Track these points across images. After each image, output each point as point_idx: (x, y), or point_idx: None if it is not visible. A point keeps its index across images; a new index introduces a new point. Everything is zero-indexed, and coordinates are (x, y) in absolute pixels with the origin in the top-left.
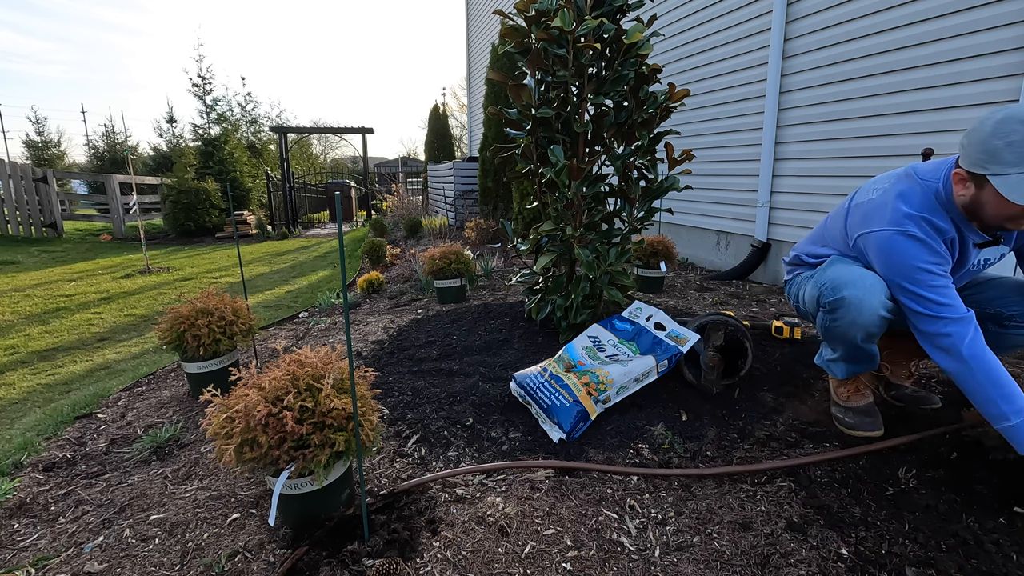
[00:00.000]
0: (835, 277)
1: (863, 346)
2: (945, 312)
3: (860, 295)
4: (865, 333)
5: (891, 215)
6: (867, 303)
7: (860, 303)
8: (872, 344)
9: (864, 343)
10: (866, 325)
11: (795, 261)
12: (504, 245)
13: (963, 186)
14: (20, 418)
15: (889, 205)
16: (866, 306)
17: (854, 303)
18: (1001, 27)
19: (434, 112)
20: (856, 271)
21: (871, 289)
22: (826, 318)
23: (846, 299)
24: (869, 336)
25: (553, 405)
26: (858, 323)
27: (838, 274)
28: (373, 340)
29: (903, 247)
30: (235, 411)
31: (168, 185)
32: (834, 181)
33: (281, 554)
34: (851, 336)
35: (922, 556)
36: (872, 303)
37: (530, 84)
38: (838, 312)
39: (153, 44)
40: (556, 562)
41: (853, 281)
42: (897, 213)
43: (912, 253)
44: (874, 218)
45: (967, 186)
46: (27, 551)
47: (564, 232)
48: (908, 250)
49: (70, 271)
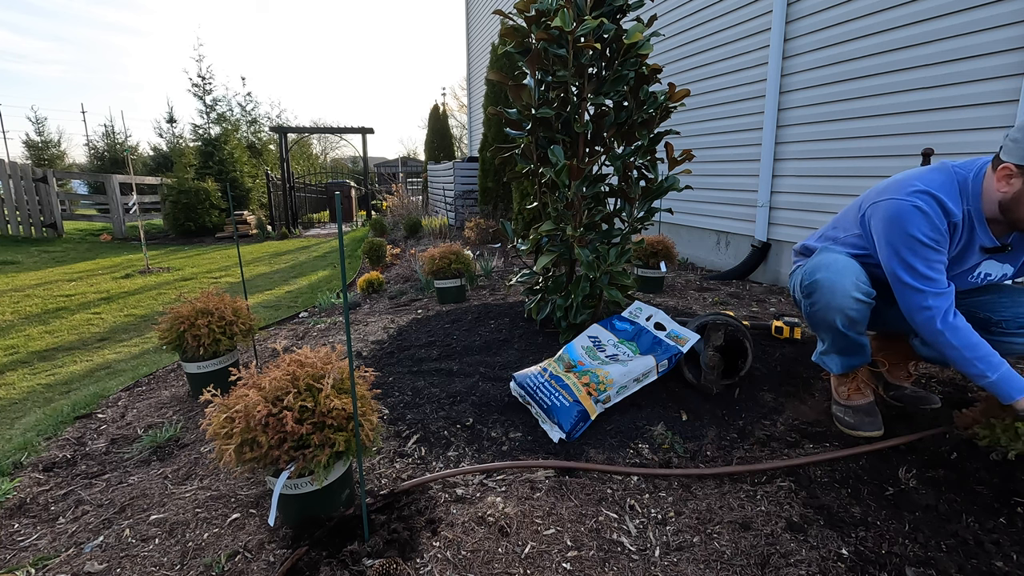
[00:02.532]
0: (814, 263)
1: (847, 333)
2: (929, 286)
3: (832, 277)
4: (844, 316)
5: (905, 188)
6: (839, 284)
7: (832, 285)
8: (858, 333)
9: (847, 329)
10: (841, 307)
11: (801, 250)
12: (504, 245)
13: (1007, 182)
14: (20, 418)
15: (905, 180)
16: (838, 287)
17: (827, 285)
18: (1001, 27)
19: (434, 112)
20: (831, 256)
21: (842, 271)
22: (806, 303)
23: (819, 281)
24: (850, 321)
25: (553, 405)
26: (832, 305)
27: (816, 260)
28: (373, 340)
29: (908, 215)
30: (235, 411)
31: (168, 185)
32: (834, 181)
33: (281, 554)
34: (830, 320)
35: (922, 556)
36: (844, 284)
37: (530, 84)
38: (814, 296)
39: (153, 44)
40: (556, 562)
41: (827, 265)
42: (911, 187)
43: (914, 222)
44: (888, 189)
45: (1011, 182)
46: (27, 551)
47: (564, 232)
48: (912, 219)
49: (70, 271)
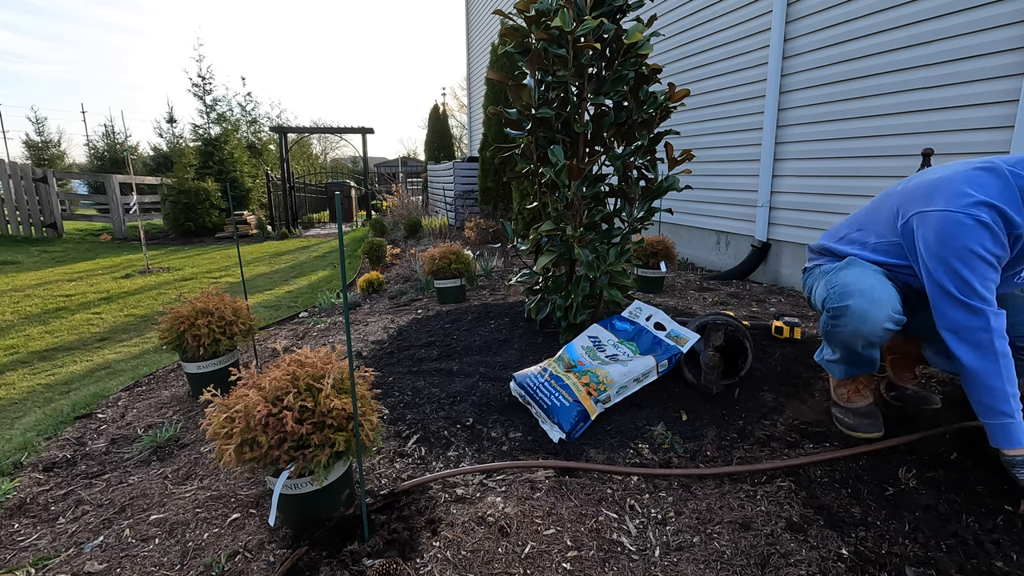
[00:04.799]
0: (846, 283)
1: (863, 352)
2: (987, 306)
3: (866, 307)
4: (867, 342)
5: (961, 197)
6: (872, 315)
7: (865, 315)
8: (874, 350)
9: (864, 350)
10: (868, 335)
11: (820, 250)
12: (504, 245)
13: None
14: (20, 418)
15: (961, 187)
16: (871, 318)
17: (858, 314)
18: (1001, 27)
19: (434, 112)
20: (868, 279)
21: (879, 302)
22: (829, 322)
23: (851, 308)
24: (870, 344)
25: (553, 405)
26: (860, 333)
27: (849, 279)
28: (373, 340)
29: (969, 230)
30: (235, 411)
31: (168, 185)
32: (834, 181)
33: (281, 554)
34: (852, 344)
35: (922, 556)
36: (878, 316)
37: (530, 84)
38: (841, 320)
39: (153, 44)
40: (556, 562)
41: (862, 291)
42: (968, 197)
43: (975, 236)
44: (940, 196)
45: None
46: (27, 551)
47: (564, 232)
48: (972, 233)
49: (70, 271)
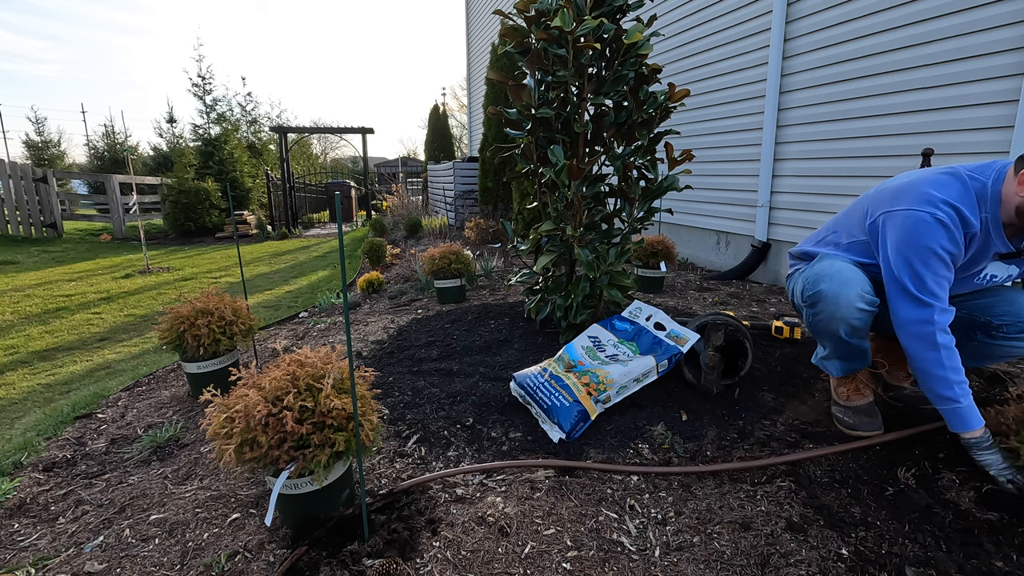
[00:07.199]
0: (816, 272)
1: (850, 340)
2: (935, 301)
3: (836, 288)
4: (847, 326)
5: (924, 197)
6: (843, 295)
7: (836, 296)
8: (860, 339)
9: (849, 337)
10: (845, 318)
11: (800, 254)
12: (504, 245)
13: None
14: (20, 418)
15: (923, 188)
16: (842, 299)
17: (830, 296)
18: (1001, 27)
19: (434, 112)
20: (835, 265)
21: (847, 282)
22: (808, 313)
23: (823, 292)
24: (853, 330)
25: (553, 405)
26: (837, 316)
27: (819, 269)
28: (373, 340)
29: (927, 227)
30: (235, 411)
31: (168, 185)
32: (834, 181)
33: (281, 554)
34: (834, 329)
35: (922, 556)
36: (848, 295)
37: (530, 84)
38: (817, 306)
39: (153, 44)
40: (556, 562)
41: (830, 275)
42: (930, 196)
43: (933, 235)
44: (903, 197)
45: None
46: (27, 551)
47: (564, 232)
48: (931, 232)
49: (70, 271)
